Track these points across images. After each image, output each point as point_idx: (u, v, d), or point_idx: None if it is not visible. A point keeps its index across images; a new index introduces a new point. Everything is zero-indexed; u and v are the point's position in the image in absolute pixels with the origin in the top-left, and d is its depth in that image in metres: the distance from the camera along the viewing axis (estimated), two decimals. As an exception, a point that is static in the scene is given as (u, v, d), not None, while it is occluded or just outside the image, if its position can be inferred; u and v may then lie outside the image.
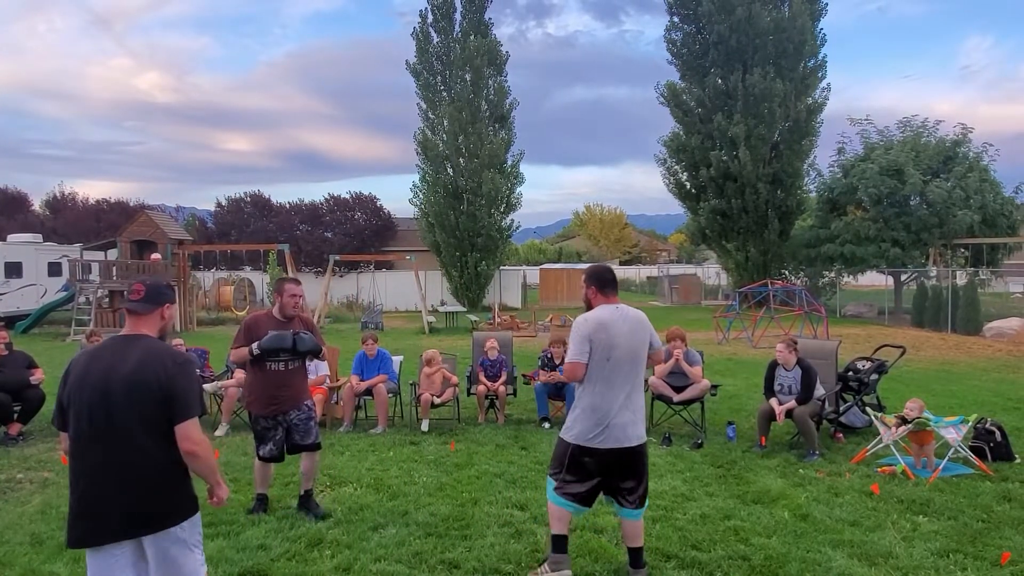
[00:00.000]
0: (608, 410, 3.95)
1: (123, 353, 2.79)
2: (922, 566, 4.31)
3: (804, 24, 26.20)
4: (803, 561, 4.33)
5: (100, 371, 2.75)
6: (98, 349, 2.88)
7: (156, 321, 2.95)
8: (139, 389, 2.71)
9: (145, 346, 2.83)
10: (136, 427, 2.71)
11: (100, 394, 2.71)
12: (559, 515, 4.06)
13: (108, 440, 2.70)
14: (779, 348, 7.30)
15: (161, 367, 2.76)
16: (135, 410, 2.71)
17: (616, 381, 3.98)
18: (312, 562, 4.32)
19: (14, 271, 22.87)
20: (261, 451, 5.12)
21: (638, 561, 4.08)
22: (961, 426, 6.36)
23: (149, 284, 2.99)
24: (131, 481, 2.70)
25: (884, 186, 22.04)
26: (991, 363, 13.83)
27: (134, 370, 2.73)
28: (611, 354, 3.97)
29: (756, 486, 5.88)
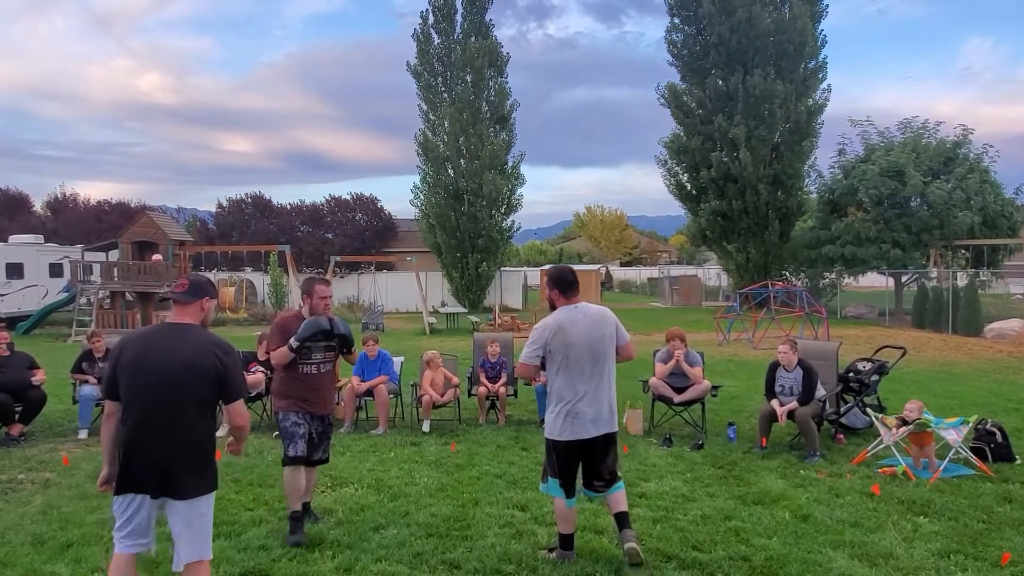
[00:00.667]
0: (573, 405, 4.21)
1: (178, 339, 3.22)
2: (923, 567, 4.32)
3: (804, 25, 26.22)
4: (804, 562, 4.34)
5: (160, 353, 3.17)
6: (152, 333, 3.33)
7: (197, 312, 3.35)
8: (197, 372, 3.16)
9: (197, 334, 3.27)
10: (190, 405, 3.16)
11: (160, 374, 3.13)
12: (566, 515, 4.32)
13: (163, 414, 3.12)
14: (781, 349, 7.31)
15: (215, 355, 3.21)
16: (192, 390, 3.16)
17: (578, 377, 4.22)
18: (313, 563, 4.33)
19: (15, 272, 22.90)
20: (291, 450, 4.80)
21: (625, 523, 4.32)
22: (961, 427, 6.37)
23: (192, 279, 3.42)
24: (176, 451, 3.14)
25: (885, 187, 22.06)
26: (992, 364, 13.83)
27: (193, 355, 3.17)
28: (569, 352, 4.21)
29: (757, 487, 5.89)
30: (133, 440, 3.13)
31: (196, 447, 3.21)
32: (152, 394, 3.13)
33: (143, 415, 3.13)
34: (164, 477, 3.13)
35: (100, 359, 8.57)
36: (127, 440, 3.15)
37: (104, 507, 5.43)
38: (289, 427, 4.86)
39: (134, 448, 3.13)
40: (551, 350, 4.23)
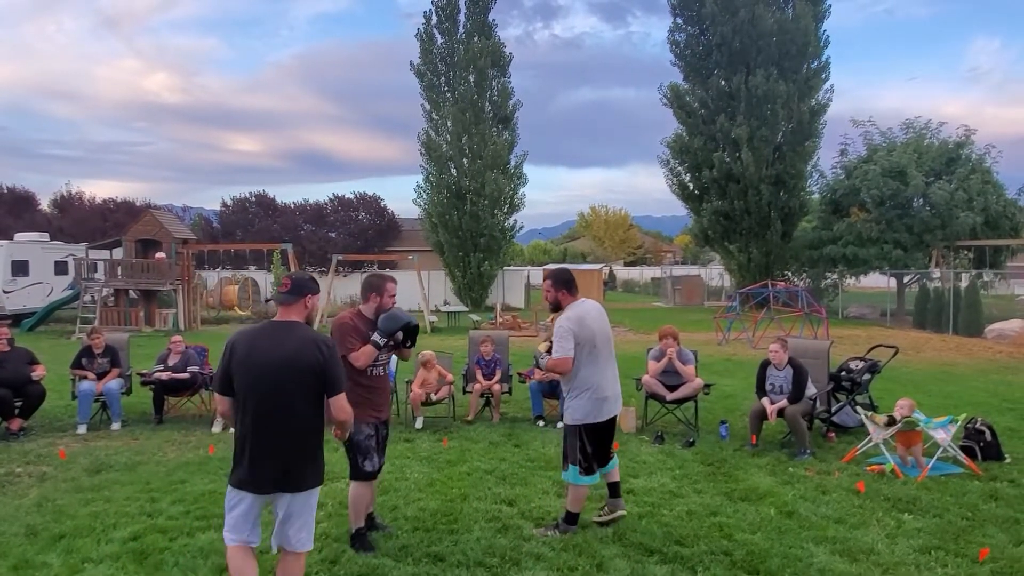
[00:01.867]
0: (604, 388, 4.68)
1: (283, 336, 3.34)
2: (903, 562, 4.36)
3: (807, 26, 26.18)
4: (785, 557, 4.38)
5: (266, 350, 3.28)
6: (259, 331, 3.43)
7: (301, 309, 3.46)
8: (302, 367, 3.26)
9: (302, 332, 3.39)
10: (298, 399, 3.26)
11: (271, 369, 3.24)
12: (583, 496, 4.79)
13: (276, 408, 3.24)
14: (772, 348, 7.35)
15: (318, 351, 3.31)
16: (299, 384, 3.26)
17: (605, 364, 4.72)
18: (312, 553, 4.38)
19: (21, 269, 23.04)
20: (368, 465, 4.50)
21: (616, 492, 4.98)
22: (950, 426, 6.40)
23: (294, 278, 3.52)
24: (290, 443, 3.27)
25: (886, 188, 22.03)
26: (991, 365, 13.82)
27: (297, 351, 3.28)
28: (596, 341, 4.66)
29: (745, 484, 5.93)
30: (250, 437, 3.25)
31: (310, 439, 3.35)
32: (263, 390, 3.23)
33: (257, 412, 3.24)
34: (283, 472, 3.26)
35: (99, 355, 8.66)
36: (243, 437, 3.28)
37: (97, 500, 5.53)
38: (363, 440, 4.48)
39: (251, 445, 3.25)
40: (579, 342, 4.58)
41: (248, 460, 3.25)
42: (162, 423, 8.48)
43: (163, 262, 20.79)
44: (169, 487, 5.83)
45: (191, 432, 7.99)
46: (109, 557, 4.36)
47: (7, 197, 34.90)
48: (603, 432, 4.76)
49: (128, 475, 6.27)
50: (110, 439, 7.74)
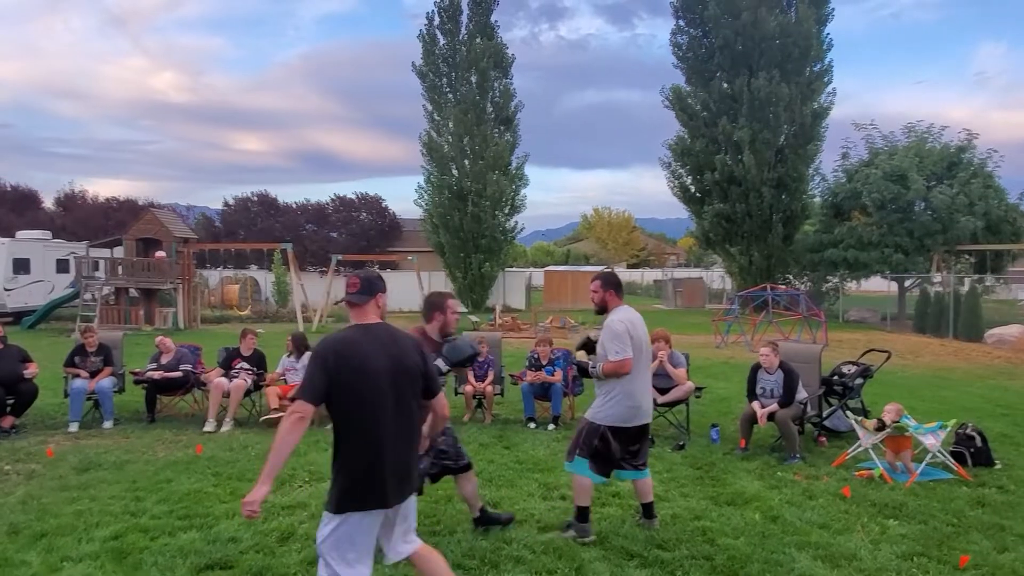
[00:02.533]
0: (637, 396, 4.70)
1: (388, 341, 3.17)
2: (885, 568, 4.34)
3: (809, 29, 26.11)
4: (766, 562, 4.36)
5: (384, 354, 3.10)
6: (359, 336, 3.15)
7: (375, 308, 3.25)
8: (412, 369, 3.17)
9: (398, 333, 3.28)
10: (413, 401, 3.20)
11: (391, 373, 3.09)
12: (587, 487, 4.72)
13: (398, 413, 3.11)
14: (763, 351, 7.34)
15: (417, 351, 3.25)
16: (412, 386, 3.18)
17: (643, 370, 4.81)
18: (280, 555, 4.39)
19: (22, 267, 23.12)
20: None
21: (650, 512, 4.96)
22: (940, 431, 6.37)
23: (362, 277, 3.30)
24: (411, 447, 3.21)
25: (887, 191, 21.97)
26: (988, 370, 13.77)
27: (403, 353, 3.16)
28: (641, 347, 4.70)
29: (732, 488, 5.91)
30: (374, 444, 3.04)
31: (418, 443, 3.31)
32: (386, 393, 3.07)
33: (381, 420, 3.06)
34: (408, 477, 3.16)
35: (92, 353, 8.68)
36: (366, 445, 3.04)
37: (83, 498, 5.53)
38: None
39: (379, 456, 3.04)
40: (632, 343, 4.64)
41: (376, 473, 3.03)
42: (154, 422, 8.49)
43: (163, 261, 20.83)
44: (155, 486, 5.83)
45: (183, 431, 8.00)
46: (89, 556, 4.36)
47: (10, 195, 35.02)
48: (631, 439, 4.76)
49: (115, 474, 6.27)
50: (101, 437, 7.76)
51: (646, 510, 4.97)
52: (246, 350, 8.88)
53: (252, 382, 8.62)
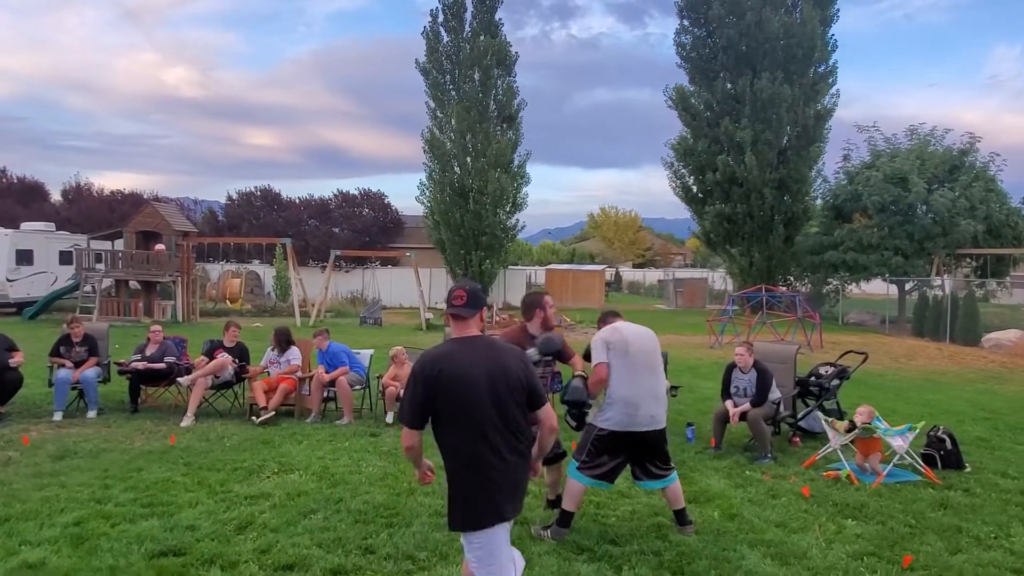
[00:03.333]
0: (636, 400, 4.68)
1: (492, 353, 3.13)
2: (834, 567, 4.36)
3: (814, 30, 26.01)
4: (714, 558, 4.39)
5: (486, 370, 3.04)
6: (464, 351, 3.10)
7: (477, 323, 3.22)
8: (518, 384, 3.08)
9: (502, 346, 3.25)
10: (517, 411, 3.09)
11: (493, 389, 3.02)
12: (577, 493, 4.75)
13: (507, 428, 3.04)
14: (738, 351, 7.35)
15: (521, 365, 3.17)
16: (517, 399, 3.08)
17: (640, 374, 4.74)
18: (234, 544, 4.45)
19: (25, 258, 23.33)
20: None
21: (683, 519, 4.89)
22: (908, 434, 6.37)
23: (468, 289, 3.25)
24: (523, 461, 3.14)
25: (888, 194, 21.86)
26: (980, 374, 13.72)
27: (509, 368, 3.09)
28: (628, 349, 4.73)
29: (697, 486, 5.94)
30: (482, 461, 3.00)
31: (528, 452, 3.18)
32: (491, 409, 3.01)
33: (487, 432, 3.00)
34: (516, 493, 3.12)
35: (77, 344, 8.78)
36: (475, 463, 3.01)
37: (53, 485, 5.61)
38: None
39: (489, 470, 3.01)
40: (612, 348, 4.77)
41: (487, 488, 3.02)
42: (137, 412, 8.58)
43: (162, 254, 20.98)
44: (125, 475, 5.90)
45: (163, 422, 8.08)
46: (48, 541, 4.43)
47: (17, 187, 35.29)
48: (638, 445, 4.72)
49: (90, 462, 6.35)
50: (83, 426, 7.85)
51: (678, 517, 4.89)
52: (229, 341, 8.96)
53: (234, 372, 8.71)
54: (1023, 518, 5.27)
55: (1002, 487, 6.04)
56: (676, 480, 4.92)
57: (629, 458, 4.79)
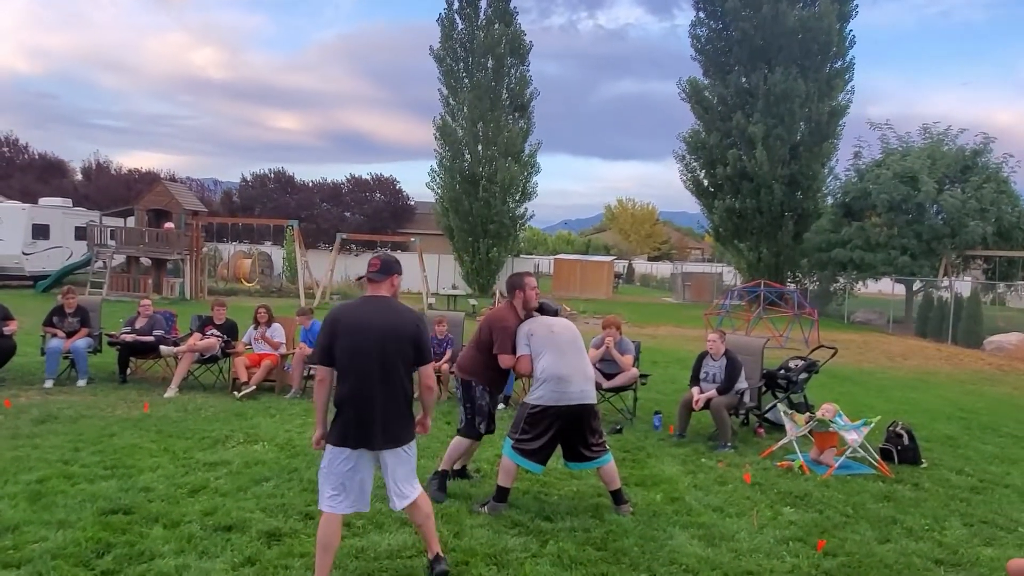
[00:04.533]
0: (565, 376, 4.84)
1: (386, 310, 3.66)
2: (758, 550, 4.47)
3: (831, 25, 25.77)
4: (641, 537, 4.52)
5: (375, 322, 3.60)
6: (361, 304, 3.73)
7: (389, 287, 3.75)
8: (403, 338, 3.61)
9: (396, 306, 3.72)
10: (401, 365, 3.62)
11: (379, 339, 3.57)
12: (511, 471, 4.91)
13: (382, 373, 3.57)
14: (711, 337, 7.49)
15: (412, 323, 3.68)
16: (401, 352, 3.61)
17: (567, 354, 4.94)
18: (183, 505, 4.65)
19: (41, 233, 23.84)
20: (482, 427, 5.24)
21: (619, 499, 5.01)
22: (863, 428, 6.45)
23: (383, 258, 3.82)
24: (393, 405, 3.61)
25: (897, 192, 21.69)
26: (974, 375, 13.66)
27: (399, 323, 3.63)
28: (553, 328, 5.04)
29: (649, 471, 6.06)
30: (354, 397, 3.54)
31: (406, 401, 3.66)
32: (369, 356, 3.55)
33: (364, 374, 3.54)
34: (384, 429, 3.57)
35: (70, 314, 9.06)
36: (347, 398, 3.55)
37: (26, 446, 5.87)
38: (485, 405, 5.23)
39: (356, 404, 3.54)
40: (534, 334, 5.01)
41: (352, 418, 3.54)
42: (125, 383, 8.84)
43: (171, 232, 21.34)
44: (97, 439, 6.13)
45: (148, 393, 8.31)
46: (7, 496, 4.66)
47: (38, 163, 35.97)
48: (570, 421, 4.83)
49: (68, 427, 6.61)
50: (70, 394, 8.11)
51: (615, 497, 5.00)
52: (218, 318, 9.19)
53: (220, 348, 8.95)
54: (963, 513, 5.35)
55: (952, 483, 6.11)
56: (610, 461, 5.01)
57: (561, 436, 4.90)
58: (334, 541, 3.58)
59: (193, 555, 3.91)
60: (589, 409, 4.93)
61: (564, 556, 4.15)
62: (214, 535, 4.19)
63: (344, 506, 3.60)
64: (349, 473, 3.58)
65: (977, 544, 4.74)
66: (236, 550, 3.99)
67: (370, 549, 4.13)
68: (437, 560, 3.79)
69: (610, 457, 5.02)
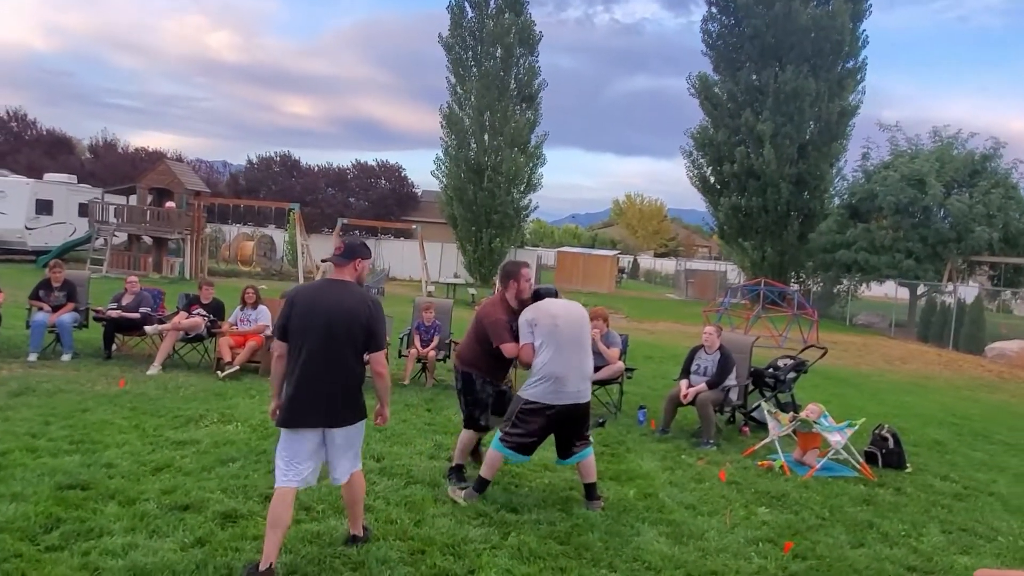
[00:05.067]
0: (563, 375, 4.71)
1: (340, 293, 3.70)
2: (726, 549, 4.37)
3: (844, 24, 25.46)
4: (607, 532, 4.43)
5: (326, 303, 3.65)
6: (319, 285, 3.87)
7: (352, 271, 3.80)
8: (354, 322, 3.63)
9: (353, 290, 3.76)
10: (349, 348, 3.64)
11: (328, 320, 3.61)
12: (496, 463, 4.82)
13: (329, 354, 3.60)
14: (707, 330, 7.43)
15: (366, 307, 3.69)
16: (350, 335, 3.63)
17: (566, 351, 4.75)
18: (143, 483, 4.58)
19: (45, 208, 23.86)
20: (482, 420, 5.09)
21: (592, 494, 4.87)
22: (847, 430, 6.33)
23: (347, 243, 3.90)
24: (339, 386, 3.63)
25: (904, 195, 21.43)
26: (972, 381, 13.50)
27: (351, 306, 3.65)
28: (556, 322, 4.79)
29: (626, 466, 5.96)
30: (301, 375, 3.60)
31: (354, 383, 3.70)
32: (318, 337, 3.59)
33: (311, 354, 3.59)
34: (328, 409, 3.63)
35: (56, 289, 9.00)
36: (296, 375, 3.61)
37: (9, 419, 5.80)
38: (485, 398, 5.09)
39: (302, 382, 3.60)
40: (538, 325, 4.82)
41: (300, 396, 3.60)
42: (110, 359, 8.79)
43: (172, 211, 21.30)
44: (70, 414, 6.07)
45: (131, 370, 8.27)
46: (-32, 467, 4.60)
47: (46, 139, 35.99)
48: (558, 417, 4.72)
49: (43, 400, 6.55)
50: (53, 368, 8.06)
51: (588, 491, 4.88)
52: (205, 298, 9.13)
53: (205, 328, 8.88)
54: (943, 520, 5.23)
55: (936, 489, 5.99)
56: (591, 455, 4.91)
57: (553, 432, 4.82)
58: (284, 518, 3.53)
59: (143, 534, 3.84)
60: (584, 407, 4.85)
61: (524, 549, 4.06)
62: (169, 514, 4.12)
63: (294, 481, 3.61)
64: (297, 449, 3.63)
65: (953, 552, 4.63)
66: (188, 530, 3.92)
67: (326, 534, 4.05)
68: (353, 539, 3.90)
69: (591, 450, 4.93)
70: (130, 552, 3.61)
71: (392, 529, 4.19)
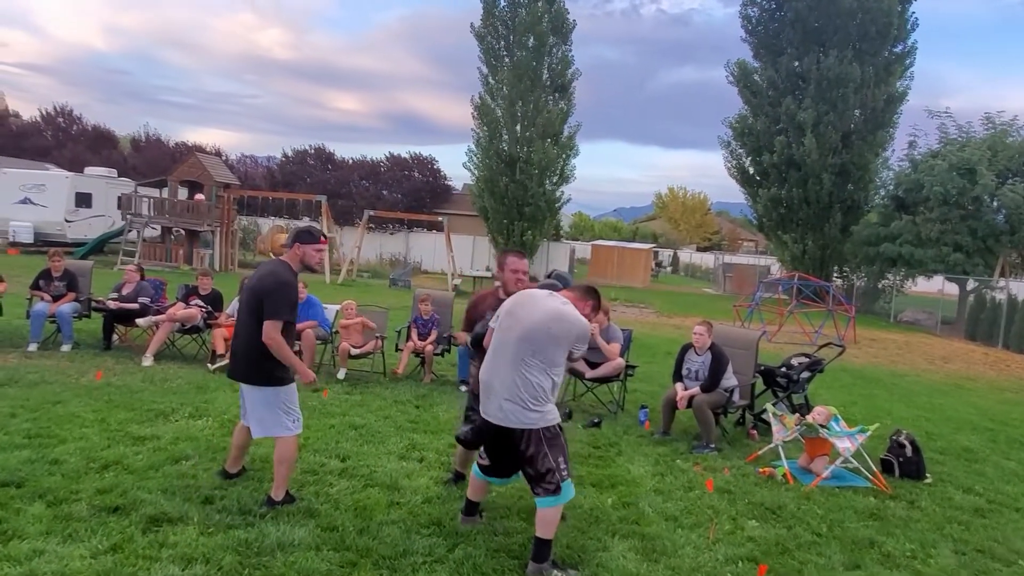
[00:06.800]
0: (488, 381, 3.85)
1: (259, 270, 4.32)
2: (700, 569, 3.96)
3: (892, 6, 24.27)
4: (569, 546, 4.04)
5: (250, 280, 4.31)
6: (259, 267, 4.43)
7: (293, 255, 4.26)
8: (256, 292, 4.13)
9: (272, 267, 4.27)
10: (250, 315, 4.14)
11: (244, 292, 4.30)
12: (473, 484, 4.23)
13: (241, 319, 4.25)
14: (697, 330, 6.87)
15: (268, 280, 4.15)
16: (251, 304, 4.15)
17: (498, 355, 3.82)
18: (82, 481, 4.35)
19: (84, 201, 24.33)
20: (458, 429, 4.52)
21: (535, 553, 3.70)
22: (859, 436, 5.79)
23: (293, 229, 4.46)
24: (243, 349, 4.20)
25: (952, 184, 20.29)
26: (1018, 383, 12.61)
27: (257, 279, 4.22)
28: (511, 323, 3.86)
29: (613, 470, 5.56)
30: (237, 337, 4.29)
31: (251, 345, 4.11)
32: (240, 304, 4.34)
33: (239, 322, 4.29)
34: (236, 365, 4.29)
35: (57, 278, 8.95)
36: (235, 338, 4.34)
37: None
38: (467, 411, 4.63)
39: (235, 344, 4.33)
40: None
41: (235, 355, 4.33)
42: (109, 349, 8.71)
43: (202, 204, 21.47)
44: (40, 406, 5.92)
45: (127, 361, 8.15)
46: (-92, 461, 4.45)
47: (90, 134, 36.87)
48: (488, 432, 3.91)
49: (21, 391, 6.43)
50: (49, 359, 7.98)
51: (535, 547, 3.71)
52: (204, 289, 8.99)
53: (202, 319, 8.74)
54: (957, 539, 4.70)
55: (955, 503, 5.43)
56: (552, 507, 3.71)
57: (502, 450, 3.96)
58: (238, 440, 4.57)
59: (58, 538, 3.59)
60: (518, 436, 3.73)
61: (468, 564, 3.70)
62: (95, 516, 3.88)
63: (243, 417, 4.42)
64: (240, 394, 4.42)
65: (963, 577, 4.12)
66: (107, 535, 3.66)
67: (255, 543, 3.75)
68: (269, 501, 4.18)
69: (554, 501, 3.70)
70: (34, 559, 3.36)
71: (330, 537, 3.88)
